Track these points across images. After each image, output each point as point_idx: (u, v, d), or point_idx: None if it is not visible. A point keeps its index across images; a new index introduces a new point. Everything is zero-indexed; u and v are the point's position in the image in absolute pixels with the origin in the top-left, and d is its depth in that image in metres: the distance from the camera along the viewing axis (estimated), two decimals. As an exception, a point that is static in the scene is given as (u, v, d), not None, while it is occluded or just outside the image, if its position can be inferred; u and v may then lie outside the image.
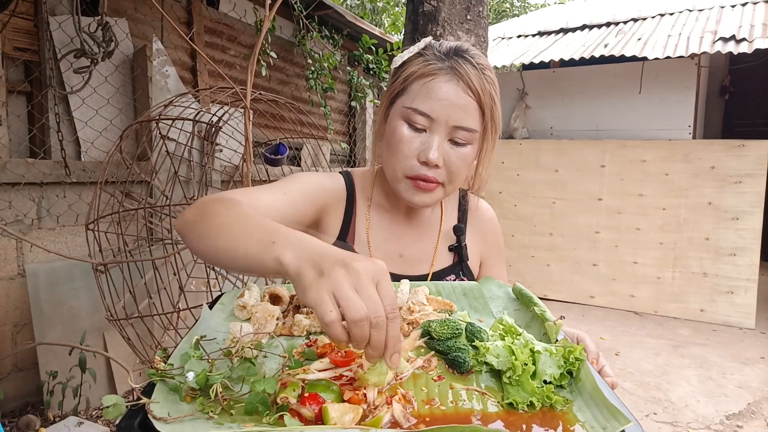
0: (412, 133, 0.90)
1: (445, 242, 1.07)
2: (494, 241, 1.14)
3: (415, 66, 0.92)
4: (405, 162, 0.91)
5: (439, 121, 0.89)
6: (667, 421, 2.77)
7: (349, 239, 1.03)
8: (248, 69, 2.17)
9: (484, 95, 0.90)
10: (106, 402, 0.51)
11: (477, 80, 0.89)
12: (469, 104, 0.89)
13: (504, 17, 13.96)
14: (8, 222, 2.39)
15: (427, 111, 0.88)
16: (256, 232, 0.63)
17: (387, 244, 1.04)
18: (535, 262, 5.15)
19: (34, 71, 2.59)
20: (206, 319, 0.73)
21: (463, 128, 0.89)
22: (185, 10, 3.47)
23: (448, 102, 0.88)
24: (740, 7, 4.80)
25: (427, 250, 1.06)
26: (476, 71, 0.89)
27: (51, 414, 2.30)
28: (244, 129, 2.25)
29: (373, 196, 1.06)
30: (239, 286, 2.40)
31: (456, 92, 0.88)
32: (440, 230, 1.08)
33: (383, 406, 0.53)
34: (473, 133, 0.90)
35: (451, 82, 0.89)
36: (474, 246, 1.10)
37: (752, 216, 4.20)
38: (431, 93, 0.89)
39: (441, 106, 0.88)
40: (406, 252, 1.04)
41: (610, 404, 0.52)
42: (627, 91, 4.83)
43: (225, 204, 0.73)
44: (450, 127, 0.89)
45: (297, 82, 4.60)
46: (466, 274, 1.06)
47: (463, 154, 0.91)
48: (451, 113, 0.88)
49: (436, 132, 0.89)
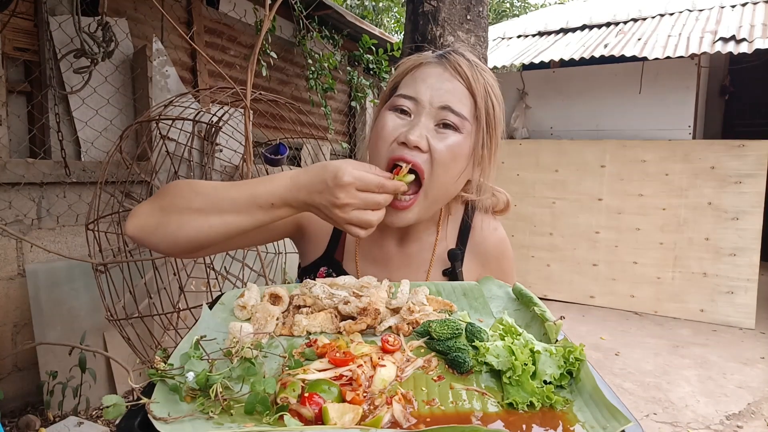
0: (397, 119, 0.86)
1: (439, 266, 0.99)
2: (495, 266, 1.02)
3: (406, 63, 0.92)
4: (383, 145, 0.84)
5: (423, 103, 0.84)
6: (667, 421, 2.77)
7: (337, 252, 1.01)
8: (248, 69, 2.17)
9: (476, 83, 0.86)
10: (106, 402, 0.51)
11: (467, 68, 0.86)
12: (456, 87, 0.85)
13: (504, 17, 13.96)
14: (8, 222, 2.39)
15: (411, 93, 0.85)
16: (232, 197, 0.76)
17: (374, 268, 0.99)
18: (535, 262, 5.15)
19: (34, 71, 2.59)
20: (206, 319, 0.73)
21: (451, 109, 0.83)
22: (185, 10, 3.47)
23: (434, 84, 0.85)
24: (740, 7, 4.80)
25: (417, 274, 0.99)
26: (468, 63, 0.88)
27: (51, 414, 2.30)
28: (244, 129, 2.25)
29: None
30: (239, 286, 2.40)
31: (442, 74, 0.86)
32: (434, 253, 0.99)
33: (383, 406, 0.53)
34: (462, 119, 0.84)
35: (439, 67, 0.87)
36: (470, 270, 1.01)
37: (752, 216, 4.20)
38: (417, 78, 0.87)
39: (426, 87, 0.85)
40: (395, 275, 0.97)
41: (610, 404, 0.52)
42: (627, 91, 4.83)
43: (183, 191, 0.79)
44: (436, 109, 0.84)
45: (297, 82, 4.60)
46: None
47: (451, 143, 0.83)
48: (435, 93, 0.84)
49: (422, 114, 0.84)
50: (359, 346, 0.65)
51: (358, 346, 0.66)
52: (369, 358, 0.62)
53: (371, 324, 0.72)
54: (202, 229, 0.77)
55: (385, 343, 0.67)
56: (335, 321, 0.74)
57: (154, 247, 0.81)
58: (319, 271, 1.01)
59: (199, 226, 0.77)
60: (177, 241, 0.79)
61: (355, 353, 0.62)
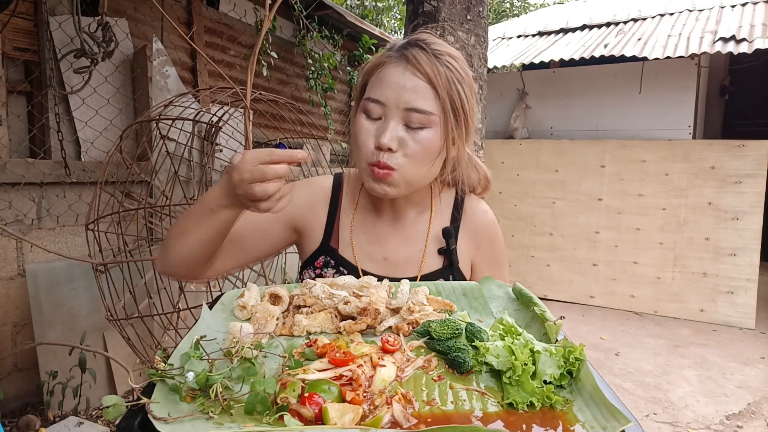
0: (369, 122, 0.92)
1: (435, 245, 1.04)
2: (488, 248, 1.08)
3: (372, 61, 0.96)
4: (363, 150, 0.92)
5: (390, 106, 0.89)
6: (667, 421, 2.77)
7: (332, 240, 1.04)
8: (248, 69, 2.17)
9: (438, 77, 0.89)
10: (106, 402, 0.51)
11: (427, 63, 0.90)
12: (418, 85, 0.89)
13: (504, 17, 13.95)
14: (8, 222, 2.39)
15: (378, 97, 0.90)
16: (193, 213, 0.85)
17: (371, 247, 1.03)
18: (535, 262, 5.15)
19: (34, 71, 2.59)
20: (206, 319, 0.73)
21: (415, 110, 0.89)
22: (185, 10, 3.47)
23: (397, 85, 0.89)
24: (740, 7, 4.80)
25: (414, 253, 1.03)
26: (427, 55, 0.90)
27: (51, 414, 2.30)
28: (244, 129, 2.25)
29: (359, 199, 1.06)
30: (239, 286, 2.40)
31: (403, 75, 0.89)
32: (428, 233, 1.04)
33: (383, 406, 0.53)
34: (428, 115, 0.89)
35: (399, 66, 0.90)
36: (465, 251, 1.06)
37: (752, 216, 4.20)
38: (382, 80, 0.91)
39: (390, 90, 0.89)
40: (391, 255, 1.02)
41: (610, 404, 0.52)
42: (627, 91, 4.83)
43: (172, 226, 0.93)
44: (402, 111, 0.89)
45: (297, 82, 4.60)
46: (457, 278, 1.03)
47: (420, 137, 0.90)
48: (400, 96, 0.89)
49: (390, 117, 0.90)
50: (359, 346, 0.65)
51: (358, 346, 0.66)
52: (369, 358, 0.62)
53: (371, 324, 0.72)
54: (186, 246, 0.87)
55: (385, 343, 0.67)
56: (335, 321, 0.74)
57: (176, 274, 0.93)
58: (317, 261, 1.03)
59: (184, 245, 0.87)
60: (184, 264, 0.90)
61: (355, 353, 0.62)
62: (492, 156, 5.13)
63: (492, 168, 5.22)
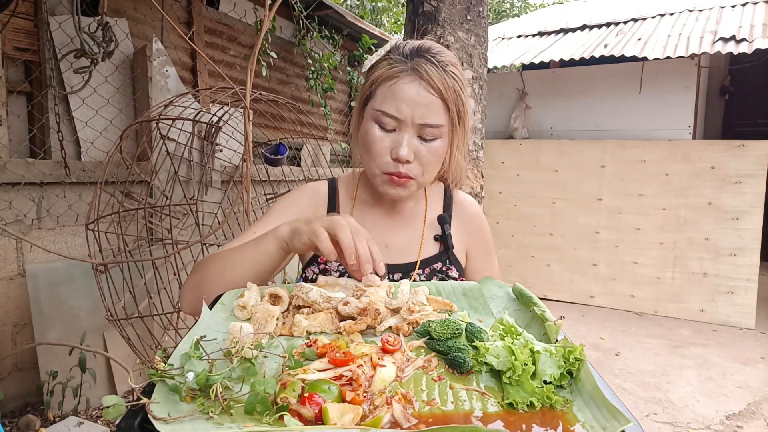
0: (383, 133, 0.97)
1: (431, 232, 1.12)
2: (479, 235, 1.17)
3: (381, 69, 0.99)
4: (379, 160, 0.98)
5: (406, 121, 0.95)
6: (667, 421, 2.77)
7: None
8: (248, 69, 2.17)
9: (447, 91, 0.95)
10: (106, 402, 0.50)
11: (438, 78, 0.95)
12: (432, 102, 0.95)
13: (504, 17, 13.96)
14: (8, 222, 2.39)
15: (393, 113, 0.95)
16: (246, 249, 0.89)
17: (372, 236, 1.06)
18: (535, 262, 5.15)
19: (34, 71, 2.59)
20: (206, 319, 0.73)
21: (430, 125, 0.96)
22: (185, 10, 3.47)
23: (413, 102, 0.94)
24: (740, 7, 4.80)
25: (413, 239, 1.11)
26: (437, 69, 0.95)
27: (51, 414, 2.30)
28: (244, 129, 2.25)
29: (357, 194, 1.13)
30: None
31: (418, 92, 0.94)
32: (425, 220, 1.13)
33: (383, 406, 0.53)
34: (440, 128, 0.97)
35: (414, 82, 0.95)
36: (459, 237, 1.14)
37: (752, 216, 4.20)
38: (396, 95, 0.95)
39: (406, 107, 0.94)
40: (392, 242, 1.09)
41: (610, 404, 0.52)
42: (627, 91, 4.83)
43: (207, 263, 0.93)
44: (417, 125, 0.95)
45: (297, 82, 4.60)
46: (453, 262, 1.10)
47: (433, 147, 0.98)
48: (416, 112, 0.94)
49: (405, 130, 0.96)
50: (359, 346, 0.65)
51: (358, 346, 0.66)
52: (369, 358, 0.62)
53: (371, 324, 0.72)
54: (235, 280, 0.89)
55: (385, 344, 0.67)
56: (335, 321, 0.74)
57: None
58: (320, 258, 1.07)
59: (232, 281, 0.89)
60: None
61: (355, 353, 0.62)
62: (492, 156, 5.13)
63: (492, 168, 5.23)
